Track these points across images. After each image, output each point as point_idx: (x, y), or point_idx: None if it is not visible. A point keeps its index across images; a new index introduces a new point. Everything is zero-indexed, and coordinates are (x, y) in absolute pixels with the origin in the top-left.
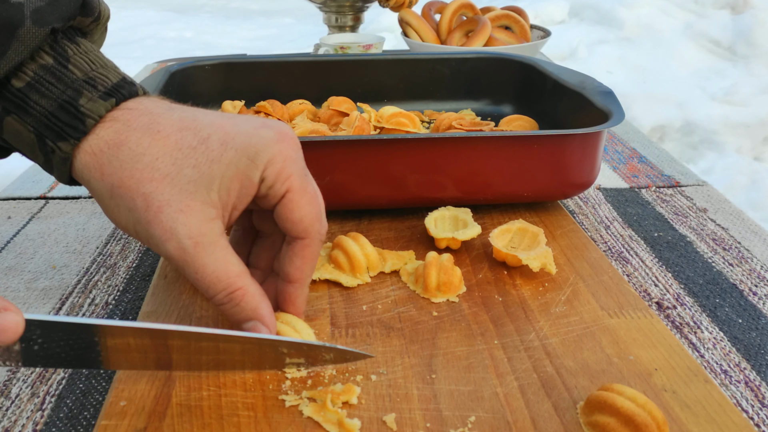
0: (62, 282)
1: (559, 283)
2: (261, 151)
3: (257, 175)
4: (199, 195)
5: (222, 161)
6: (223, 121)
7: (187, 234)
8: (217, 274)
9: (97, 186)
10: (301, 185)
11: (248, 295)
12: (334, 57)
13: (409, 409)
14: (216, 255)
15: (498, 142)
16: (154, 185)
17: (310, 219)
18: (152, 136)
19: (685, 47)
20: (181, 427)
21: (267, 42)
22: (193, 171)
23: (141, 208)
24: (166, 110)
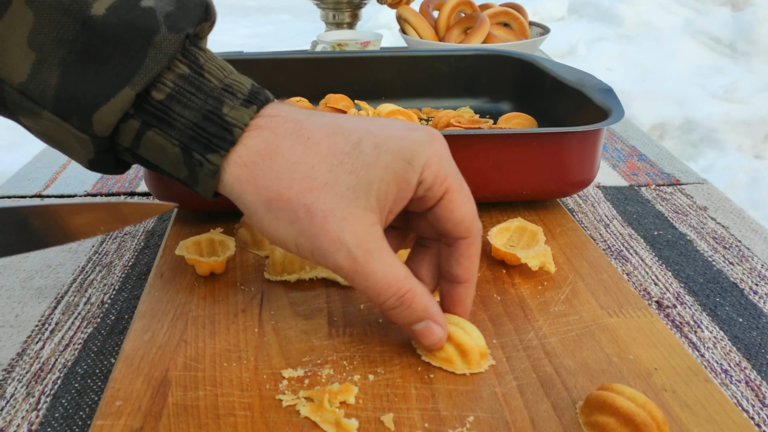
0: (57, 281)
1: (558, 282)
2: (416, 153)
3: (415, 178)
4: (360, 201)
5: (378, 165)
6: (368, 125)
7: (356, 243)
8: (387, 279)
9: (251, 200)
10: (458, 184)
11: (418, 296)
12: (332, 54)
13: (407, 408)
14: (383, 260)
15: (496, 140)
16: (315, 195)
17: (470, 217)
18: (303, 143)
19: (685, 44)
20: (178, 427)
21: (264, 39)
22: (351, 177)
23: (304, 219)
24: (307, 116)
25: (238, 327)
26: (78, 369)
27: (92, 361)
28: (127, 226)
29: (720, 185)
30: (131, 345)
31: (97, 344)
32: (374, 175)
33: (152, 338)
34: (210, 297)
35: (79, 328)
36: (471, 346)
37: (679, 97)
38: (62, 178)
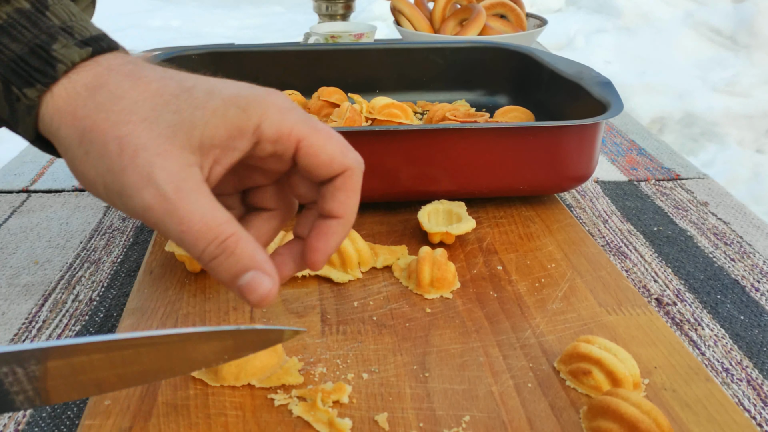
0: (45, 277)
1: (555, 278)
2: (252, 102)
3: (250, 127)
4: (178, 140)
5: (207, 107)
6: (209, 78)
7: (167, 178)
8: (205, 221)
9: (66, 133)
10: (310, 128)
11: (242, 240)
12: (325, 46)
13: (402, 408)
14: (201, 201)
15: (493, 134)
16: (130, 128)
17: (340, 151)
18: (134, 80)
19: (685, 36)
20: (168, 426)
21: (255, 31)
22: (174, 116)
23: (114, 152)
24: (150, 63)
25: (230, 325)
26: None
27: None
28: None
29: (721, 180)
30: None
31: None
32: (200, 117)
33: None
34: (200, 294)
35: (67, 326)
36: (624, 375)
37: (679, 90)
38: (50, 173)
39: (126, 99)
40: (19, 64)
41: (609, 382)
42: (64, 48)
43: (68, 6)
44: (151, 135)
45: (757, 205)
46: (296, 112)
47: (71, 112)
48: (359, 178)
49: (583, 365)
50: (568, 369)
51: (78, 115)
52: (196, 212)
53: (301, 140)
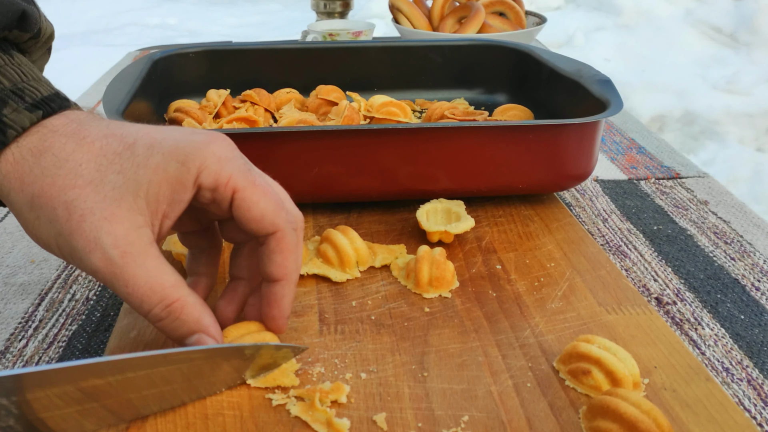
0: (41, 277)
1: (555, 278)
2: (191, 154)
3: (191, 180)
4: (125, 202)
5: (149, 165)
6: (150, 129)
7: (113, 243)
8: (150, 285)
9: (16, 198)
10: (247, 181)
11: (188, 305)
12: (323, 44)
13: (400, 408)
14: (148, 265)
15: (492, 133)
16: (76, 192)
17: (271, 210)
18: (77, 142)
19: (685, 34)
20: (165, 426)
21: (253, 29)
22: (118, 177)
23: (62, 218)
24: (94, 119)
25: None
26: None
27: (77, 360)
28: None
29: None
30: (117, 343)
31: (82, 342)
32: (143, 176)
33: (138, 336)
34: None
35: (64, 326)
36: (623, 374)
37: (679, 88)
38: None
39: (70, 162)
40: None
41: (608, 382)
42: (14, 113)
43: (20, 65)
44: (97, 198)
45: (757, 204)
46: (235, 163)
47: (19, 177)
48: (292, 239)
49: (583, 365)
50: (567, 369)
51: (26, 181)
52: (141, 276)
53: (236, 191)
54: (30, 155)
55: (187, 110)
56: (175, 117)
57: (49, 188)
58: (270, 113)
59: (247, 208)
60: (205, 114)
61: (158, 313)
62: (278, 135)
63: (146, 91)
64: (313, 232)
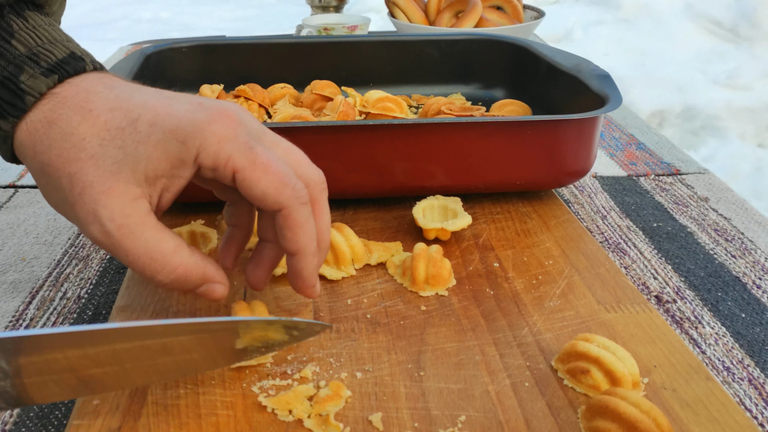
0: (32, 275)
1: (553, 275)
2: (191, 134)
3: (190, 159)
4: (123, 175)
5: (149, 142)
6: (156, 102)
7: (110, 216)
8: (149, 254)
9: (30, 164)
10: (247, 161)
11: (191, 268)
12: (318, 39)
13: (396, 408)
14: (146, 235)
15: (489, 128)
16: (79, 165)
17: (274, 188)
18: (83, 114)
19: (685, 28)
20: (158, 426)
21: (247, 23)
22: (119, 152)
23: (66, 188)
24: (105, 88)
25: None
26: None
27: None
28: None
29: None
30: None
31: None
32: (143, 151)
33: None
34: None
35: (55, 324)
36: (623, 374)
37: (679, 83)
38: None
39: (75, 135)
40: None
41: (608, 381)
42: (31, 79)
43: (35, 28)
44: (97, 172)
45: (758, 200)
46: (237, 141)
47: (31, 146)
48: (300, 215)
49: (581, 364)
50: (565, 368)
51: (37, 150)
52: (140, 246)
53: (236, 172)
54: (41, 125)
55: None
56: None
57: (55, 159)
58: (264, 109)
59: (249, 188)
60: None
61: (163, 279)
62: (272, 131)
63: None
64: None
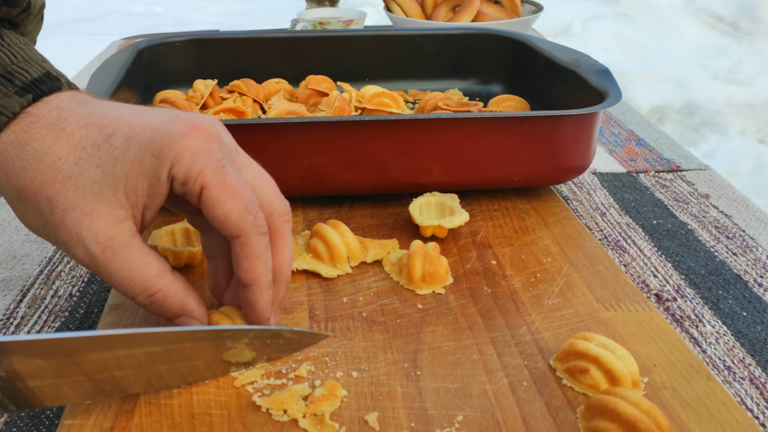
0: (23, 272)
1: (552, 273)
2: (166, 147)
3: (164, 174)
4: (104, 197)
5: (126, 159)
6: (131, 116)
7: (94, 239)
8: (131, 277)
9: (4, 189)
10: (217, 179)
11: (170, 294)
12: (313, 33)
13: (393, 407)
14: (129, 258)
15: (487, 124)
16: (57, 187)
17: (237, 213)
18: (57, 133)
19: (685, 23)
20: (150, 426)
21: (241, 17)
22: (97, 171)
23: (46, 212)
24: (78, 104)
25: None
26: None
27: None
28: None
29: (723, 171)
30: None
31: None
32: (121, 170)
33: None
34: None
35: (46, 323)
36: (622, 373)
37: (679, 78)
38: None
39: (50, 156)
40: None
41: (607, 381)
42: (5, 98)
43: (9, 46)
44: (77, 193)
45: (759, 197)
46: (210, 157)
47: (4, 170)
48: (258, 245)
49: (580, 363)
50: (564, 367)
51: (10, 174)
52: (123, 269)
53: (204, 188)
54: (12, 147)
55: (173, 101)
56: None
57: (31, 183)
58: (258, 104)
59: (212, 207)
60: (192, 105)
61: (142, 301)
62: (267, 126)
63: (131, 82)
64: (303, 227)
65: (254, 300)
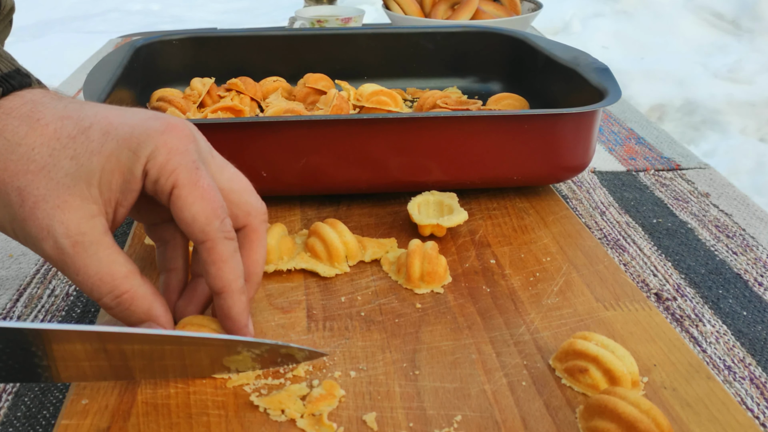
0: (20, 271)
1: (551, 273)
2: (143, 143)
3: (139, 169)
4: (78, 190)
5: (102, 153)
6: (109, 112)
7: (65, 233)
8: (100, 276)
9: None
10: (189, 179)
11: (138, 297)
12: (311, 31)
13: (391, 407)
14: (99, 255)
15: (486, 122)
16: (29, 178)
17: (204, 217)
18: (31, 124)
19: (686, 21)
20: (147, 426)
21: (239, 15)
22: (71, 163)
23: (16, 203)
24: (52, 100)
25: None
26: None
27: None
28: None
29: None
30: None
31: None
32: (96, 163)
33: None
34: None
35: (43, 322)
36: (622, 373)
37: (679, 76)
38: None
39: (23, 146)
40: None
41: (606, 381)
42: None
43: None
44: (49, 185)
45: (760, 196)
46: (186, 157)
47: None
48: (224, 250)
49: (580, 363)
50: (563, 367)
51: None
52: (92, 266)
53: (175, 187)
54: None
55: (170, 99)
56: (157, 106)
57: (1, 173)
58: (256, 102)
59: (180, 208)
60: (189, 103)
61: (108, 302)
62: (265, 125)
63: (128, 80)
64: (301, 226)
65: (228, 307)
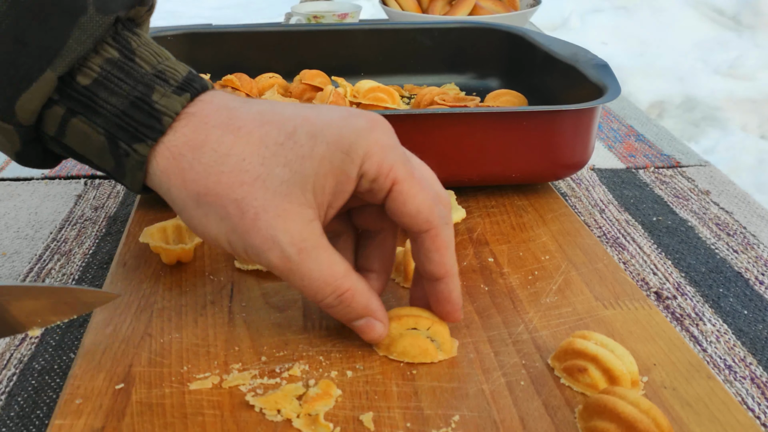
0: (13, 270)
1: (550, 271)
2: (355, 143)
3: (354, 171)
4: (295, 197)
5: (314, 157)
6: (306, 112)
7: (290, 241)
8: (324, 278)
9: (178, 194)
10: (407, 173)
11: (358, 293)
12: (307, 27)
13: (388, 407)
14: (321, 258)
15: (484, 119)
16: (245, 189)
17: (427, 206)
18: (234, 133)
19: (686, 16)
20: (142, 426)
21: (235, 11)
22: (284, 170)
23: (235, 215)
24: (242, 103)
25: (207, 320)
26: (35, 365)
27: (50, 357)
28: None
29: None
30: (92, 339)
31: (55, 338)
32: (309, 168)
33: (114, 332)
34: (176, 287)
35: None
36: (621, 372)
37: (679, 73)
38: None
39: (232, 156)
40: (123, 119)
41: (606, 380)
42: (164, 98)
43: (149, 45)
44: (266, 195)
45: (761, 193)
46: (397, 152)
47: (179, 174)
48: (447, 236)
49: (579, 362)
50: (562, 366)
51: (187, 179)
52: (316, 270)
53: (395, 183)
54: (187, 150)
55: None
56: None
57: (215, 186)
58: None
59: (403, 202)
60: None
61: (331, 301)
62: None
63: None
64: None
65: (449, 291)
